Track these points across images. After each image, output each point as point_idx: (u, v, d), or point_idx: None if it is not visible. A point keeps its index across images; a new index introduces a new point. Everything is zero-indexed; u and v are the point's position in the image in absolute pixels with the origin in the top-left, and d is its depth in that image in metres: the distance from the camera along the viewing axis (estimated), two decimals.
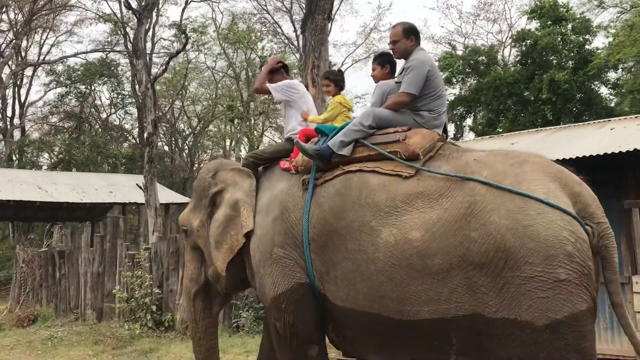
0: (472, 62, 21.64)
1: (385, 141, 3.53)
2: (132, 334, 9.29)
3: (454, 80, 22.03)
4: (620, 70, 20.08)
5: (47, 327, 11.12)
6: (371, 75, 4.28)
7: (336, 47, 41.34)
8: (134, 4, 17.87)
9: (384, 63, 4.25)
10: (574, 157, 5.99)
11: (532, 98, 19.63)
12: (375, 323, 3.28)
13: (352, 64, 32.00)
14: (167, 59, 19.53)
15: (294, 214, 3.71)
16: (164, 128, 28.71)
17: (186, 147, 31.83)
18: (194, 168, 33.12)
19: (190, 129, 31.43)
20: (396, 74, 4.12)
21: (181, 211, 5.84)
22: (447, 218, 3.05)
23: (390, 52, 4.09)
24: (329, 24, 9.53)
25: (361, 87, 52.02)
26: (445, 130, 3.81)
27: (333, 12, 9.18)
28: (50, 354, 8.81)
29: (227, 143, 33.25)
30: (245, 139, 25.83)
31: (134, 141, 30.86)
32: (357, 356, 3.78)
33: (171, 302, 9.80)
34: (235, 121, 24.31)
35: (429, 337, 3.13)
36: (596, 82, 20.07)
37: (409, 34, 3.85)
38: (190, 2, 24.58)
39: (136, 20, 18.22)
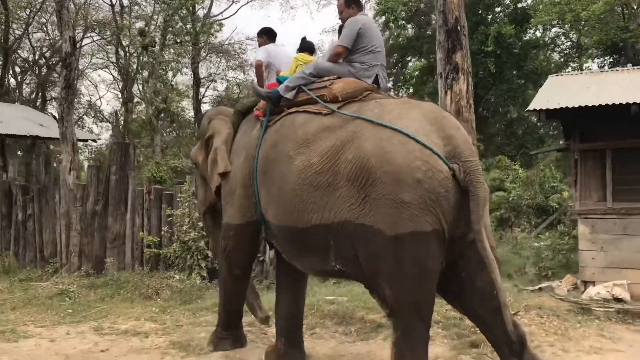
0: (413, 9, 21.34)
1: (318, 87, 4.27)
2: (192, 284, 7.62)
3: (392, 25, 21.59)
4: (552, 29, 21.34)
5: (30, 280, 8.86)
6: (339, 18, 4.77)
7: None
8: None
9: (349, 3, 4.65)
10: None
11: (475, 49, 19.93)
12: (290, 234, 4.04)
13: (248, 2, 29.85)
14: None
15: (254, 154, 4.43)
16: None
17: (30, 80, 27.04)
18: (46, 105, 28.14)
19: (36, 58, 26.27)
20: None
21: None
22: (337, 144, 3.76)
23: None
24: None
25: (255, 28, 48.97)
26: (377, 81, 4.39)
27: None
28: (94, 313, 6.84)
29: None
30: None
31: None
32: (292, 263, 4.43)
33: None
34: (149, 49, 21.30)
35: (316, 241, 3.81)
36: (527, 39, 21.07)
37: (350, 4, 4.55)
38: None
39: None
